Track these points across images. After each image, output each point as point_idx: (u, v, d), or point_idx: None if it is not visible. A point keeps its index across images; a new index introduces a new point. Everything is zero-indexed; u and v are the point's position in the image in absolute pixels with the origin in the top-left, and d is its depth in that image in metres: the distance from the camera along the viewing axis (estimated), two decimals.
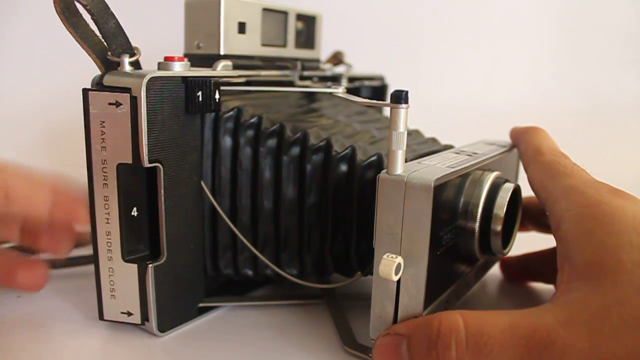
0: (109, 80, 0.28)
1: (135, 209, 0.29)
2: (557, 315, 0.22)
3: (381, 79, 0.49)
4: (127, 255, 0.30)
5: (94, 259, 0.30)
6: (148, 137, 0.28)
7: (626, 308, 0.21)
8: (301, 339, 0.32)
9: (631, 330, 0.21)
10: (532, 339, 0.22)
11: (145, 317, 0.30)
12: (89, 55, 0.29)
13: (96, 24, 0.28)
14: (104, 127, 0.28)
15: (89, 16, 0.28)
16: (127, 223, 0.29)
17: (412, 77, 0.77)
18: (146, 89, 0.27)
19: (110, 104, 0.27)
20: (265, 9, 0.37)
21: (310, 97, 0.41)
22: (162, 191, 0.29)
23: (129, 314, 0.31)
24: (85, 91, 0.28)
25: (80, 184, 0.31)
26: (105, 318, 0.31)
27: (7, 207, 0.29)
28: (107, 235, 0.29)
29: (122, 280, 0.30)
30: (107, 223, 0.29)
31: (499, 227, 0.29)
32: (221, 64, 0.33)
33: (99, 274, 0.30)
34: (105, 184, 0.29)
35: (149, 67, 0.30)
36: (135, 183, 0.29)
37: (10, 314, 0.34)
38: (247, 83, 0.34)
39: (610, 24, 0.94)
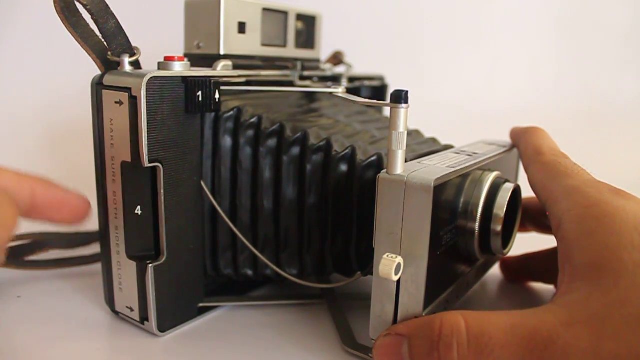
0: (109, 80, 0.28)
1: (139, 207, 0.29)
2: (559, 316, 0.22)
3: (381, 79, 0.49)
4: (132, 252, 0.30)
5: (105, 252, 0.31)
6: (148, 136, 0.28)
7: (628, 308, 0.21)
8: (301, 339, 0.32)
9: (633, 330, 0.21)
10: (534, 339, 0.22)
11: (144, 316, 0.31)
12: (89, 55, 0.30)
13: (96, 24, 0.28)
14: (112, 124, 0.28)
15: (89, 16, 0.28)
16: (130, 221, 0.29)
17: (412, 77, 0.77)
18: (146, 89, 0.27)
19: (116, 102, 0.28)
20: (265, 9, 0.37)
21: (310, 97, 0.41)
22: (162, 191, 0.29)
23: (132, 309, 0.31)
24: (98, 88, 0.29)
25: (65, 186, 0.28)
26: (115, 309, 0.32)
27: None
28: (116, 230, 0.30)
29: (127, 276, 0.30)
30: (116, 218, 0.30)
31: (499, 227, 0.29)
32: (221, 63, 0.33)
33: (110, 266, 0.31)
34: (114, 180, 0.29)
35: (149, 67, 0.30)
36: (139, 182, 0.29)
37: (11, 314, 0.34)
38: (247, 83, 0.34)
39: (610, 24, 0.94)
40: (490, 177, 0.29)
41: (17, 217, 0.24)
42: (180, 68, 0.30)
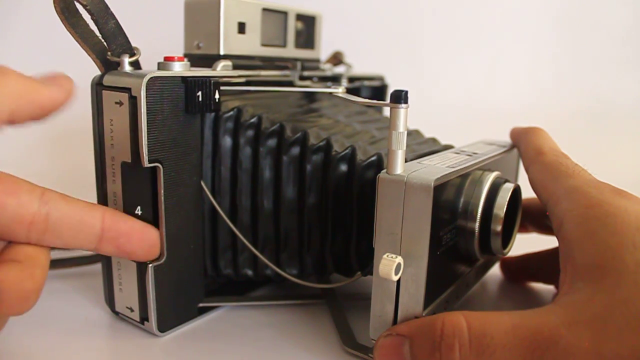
0: (108, 80, 0.28)
1: (139, 207, 0.29)
2: (560, 316, 0.22)
3: (381, 79, 0.49)
4: None
5: None
6: (148, 137, 0.28)
7: (629, 308, 0.21)
8: (301, 339, 0.32)
9: (634, 331, 0.21)
10: (535, 340, 0.22)
11: (144, 316, 0.31)
12: (89, 55, 0.29)
13: (96, 24, 0.28)
14: (112, 125, 0.28)
15: (89, 16, 0.28)
16: None
17: (412, 77, 0.77)
18: (146, 89, 0.27)
19: (116, 102, 0.28)
20: (265, 9, 0.37)
21: (310, 97, 0.41)
22: (162, 191, 0.29)
23: (132, 309, 0.31)
24: (98, 89, 0.29)
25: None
26: (115, 309, 0.32)
27: (45, 239, 0.25)
28: None
29: (127, 276, 0.30)
30: None
31: (499, 227, 0.29)
32: (221, 64, 0.33)
33: (110, 267, 0.31)
34: (114, 180, 0.29)
35: (149, 67, 0.30)
36: (139, 182, 0.29)
37: None
38: (247, 83, 0.34)
39: (610, 24, 0.94)
40: (490, 177, 0.29)
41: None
42: (180, 68, 0.30)
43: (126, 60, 0.29)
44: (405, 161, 0.26)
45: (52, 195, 0.25)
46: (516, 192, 0.31)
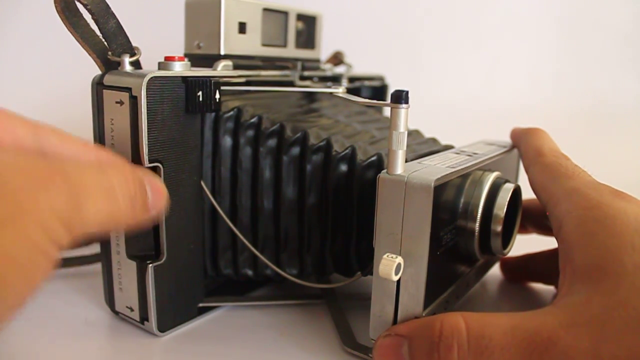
0: (109, 80, 0.28)
1: None
2: (559, 318, 0.22)
3: (381, 79, 0.49)
4: (132, 252, 0.30)
5: (105, 252, 0.31)
6: (148, 136, 0.28)
7: (628, 310, 0.21)
8: (301, 339, 0.32)
9: (633, 332, 0.21)
10: (534, 341, 0.22)
11: (144, 316, 0.31)
12: (90, 55, 0.30)
13: (97, 24, 0.29)
14: (112, 124, 0.28)
15: (90, 16, 0.28)
16: None
17: (412, 77, 0.77)
18: (146, 89, 0.27)
19: (116, 102, 0.28)
20: (265, 9, 0.37)
21: (311, 97, 0.41)
22: None
23: (132, 309, 0.31)
24: (99, 88, 0.29)
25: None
26: (115, 309, 0.32)
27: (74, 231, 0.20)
28: None
29: (127, 275, 0.30)
30: None
31: (499, 228, 0.29)
32: (221, 64, 0.33)
33: (110, 266, 0.31)
34: None
35: (150, 67, 0.30)
36: None
37: None
38: (247, 83, 0.34)
39: (610, 24, 0.94)
40: (490, 178, 0.29)
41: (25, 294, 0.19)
42: (180, 68, 0.30)
43: (127, 60, 0.29)
44: (406, 161, 0.26)
45: (45, 129, 0.23)
46: (516, 192, 0.31)
